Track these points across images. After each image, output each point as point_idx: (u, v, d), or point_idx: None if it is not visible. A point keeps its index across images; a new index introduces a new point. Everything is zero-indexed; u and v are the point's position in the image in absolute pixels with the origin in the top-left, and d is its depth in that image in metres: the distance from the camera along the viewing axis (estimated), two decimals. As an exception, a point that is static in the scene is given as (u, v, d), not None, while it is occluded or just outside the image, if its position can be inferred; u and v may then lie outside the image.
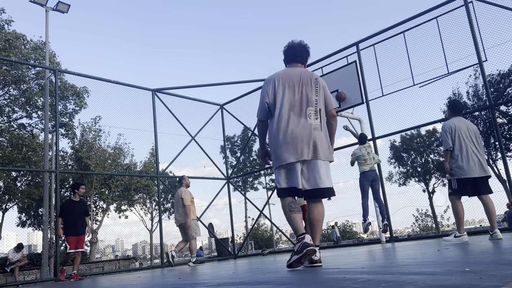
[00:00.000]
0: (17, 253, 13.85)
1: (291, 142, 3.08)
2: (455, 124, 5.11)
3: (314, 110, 3.18)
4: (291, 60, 3.44)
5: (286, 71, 3.34)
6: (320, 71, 10.20)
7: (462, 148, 4.99)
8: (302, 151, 3.07)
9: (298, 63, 3.43)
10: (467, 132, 5.06)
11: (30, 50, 16.73)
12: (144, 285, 3.46)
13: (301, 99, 3.18)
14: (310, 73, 3.33)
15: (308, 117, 3.14)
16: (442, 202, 35.14)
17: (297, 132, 3.10)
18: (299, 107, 3.16)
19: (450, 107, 5.46)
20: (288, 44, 3.47)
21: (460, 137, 5.02)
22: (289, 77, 3.26)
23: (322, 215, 3.18)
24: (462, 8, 8.05)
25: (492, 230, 5.01)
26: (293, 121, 3.12)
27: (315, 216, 3.16)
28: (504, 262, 2.20)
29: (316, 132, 3.13)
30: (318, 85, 3.27)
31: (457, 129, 5.06)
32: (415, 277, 1.81)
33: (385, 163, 33.91)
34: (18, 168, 16.93)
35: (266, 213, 16.78)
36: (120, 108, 12.59)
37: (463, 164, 4.94)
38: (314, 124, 3.14)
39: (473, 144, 5.02)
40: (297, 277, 2.43)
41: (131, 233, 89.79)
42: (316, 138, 3.12)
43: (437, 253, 3.43)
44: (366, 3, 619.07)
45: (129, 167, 23.26)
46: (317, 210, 3.17)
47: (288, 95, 3.20)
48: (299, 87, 3.21)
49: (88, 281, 6.14)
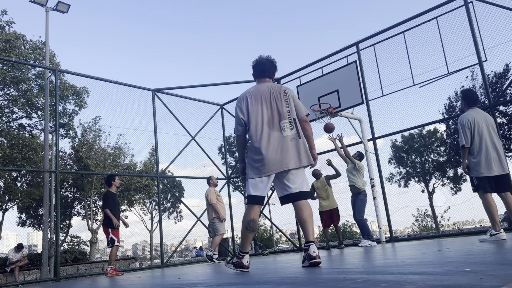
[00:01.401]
0: (17, 253, 13.84)
1: (270, 156, 3.29)
2: (474, 117, 4.73)
3: (289, 122, 3.39)
4: (259, 75, 3.63)
5: (256, 88, 3.55)
6: (320, 71, 10.21)
7: (482, 144, 4.66)
8: (282, 163, 3.29)
9: (266, 78, 3.63)
10: (485, 126, 4.72)
11: (29, 50, 16.73)
12: (144, 285, 3.46)
13: (273, 114, 3.40)
14: (278, 86, 3.56)
15: (283, 130, 3.36)
16: (442, 202, 35.12)
17: (275, 146, 3.30)
18: (274, 122, 3.38)
19: (465, 99, 5.01)
20: (256, 60, 3.66)
21: (479, 132, 4.69)
22: (260, 93, 3.47)
23: (311, 212, 3.36)
24: (462, 8, 8.06)
25: None
26: (269, 136, 3.33)
27: (306, 214, 3.32)
28: (504, 262, 2.20)
29: (293, 142, 3.35)
30: (288, 96, 3.47)
31: (476, 123, 4.70)
32: (415, 277, 1.82)
33: (385, 164, 33.91)
34: (18, 168, 16.93)
35: (266, 213, 16.77)
36: (120, 108, 12.56)
37: (481, 161, 4.64)
38: (290, 135, 3.36)
39: (492, 139, 4.70)
40: (297, 277, 2.43)
41: (131, 233, 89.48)
42: (294, 147, 3.33)
43: (437, 253, 3.43)
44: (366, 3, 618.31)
45: (129, 167, 23.24)
46: (305, 209, 3.33)
47: (261, 111, 3.41)
48: (271, 102, 3.43)
49: (88, 281, 6.14)
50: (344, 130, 23.78)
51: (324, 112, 9.23)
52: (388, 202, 8.82)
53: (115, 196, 7.51)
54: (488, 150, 4.65)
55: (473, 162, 4.72)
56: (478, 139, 4.69)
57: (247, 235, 3.38)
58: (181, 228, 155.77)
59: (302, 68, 10.69)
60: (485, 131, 4.71)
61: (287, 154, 3.30)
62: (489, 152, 4.65)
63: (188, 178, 12.38)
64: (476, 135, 4.70)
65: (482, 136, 4.69)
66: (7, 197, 18.23)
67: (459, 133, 4.84)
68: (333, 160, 10.41)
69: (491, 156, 4.65)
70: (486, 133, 4.70)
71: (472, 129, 4.71)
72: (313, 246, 3.19)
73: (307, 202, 3.38)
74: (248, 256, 3.41)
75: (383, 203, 8.79)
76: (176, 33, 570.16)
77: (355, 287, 1.65)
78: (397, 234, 37.70)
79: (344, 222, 47.23)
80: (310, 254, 3.15)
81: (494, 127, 4.82)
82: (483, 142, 4.68)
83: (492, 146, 4.69)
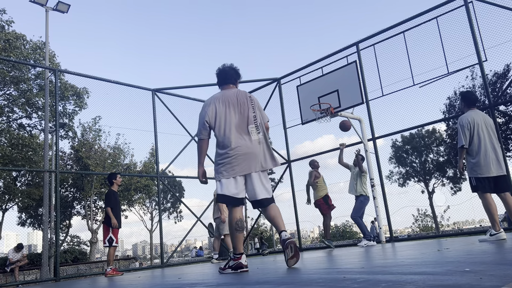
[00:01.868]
0: (17, 253, 13.84)
1: (240, 158, 3.44)
2: (474, 118, 4.77)
3: (255, 126, 3.55)
4: (223, 82, 3.81)
5: (223, 93, 3.69)
6: (320, 71, 10.20)
7: (480, 145, 4.70)
8: (250, 165, 3.47)
9: (230, 84, 3.79)
10: (484, 127, 4.75)
11: (30, 50, 16.71)
12: (144, 285, 3.46)
13: (242, 118, 3.54)
14: (244, 92, 3.72)
15: (251, 134, 3.52)
16: (442, 202, 35.13)
17: (245, 149, 3.46)
18: (242, 126, 3.52)
19: (464, 100, 5.02)
20: (219, 68, 3.86)
21: (478, 133, 4.72)
22: (227, 98, 3.61)
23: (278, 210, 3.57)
24: (462, 8, 8.05)
25: None
26: (239, 139, 3.48)
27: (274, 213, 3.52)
28: (504, 262, 2.20)
29: (261, 145, 3.53)
30: (254, 102, 3.66)
31: (475, 124, 4.74)
32: (415, 277, 1.82)
33: (385, 162, 33.93)
34: (18, 168, 16.93)
35: (266, 213, 16.73)
36: (120, 108, 12.58)
37: (480, 162, 4.67)
38: (258, 139, 3.53)
39: (491, 140, 4.75)
40: (297, 277, 2.44)
41: (131, 233, 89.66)
42: (261, 151, 3.52)
43: (437, 253, 3.43)
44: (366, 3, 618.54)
45: (129, 167, 23.24)
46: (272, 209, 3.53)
47: (229, 115, 3.54)
48: (238, 107, 3.57)
49: (88, 281, 6.14)
50: (339, 130, 23.74)
51: (324, 112, 9.23)
52: (388, 202, 8.83)
53: (117, 194, 7.45)
54: (487, 151, 4.68)
55: (472, 163, 4.75)
56: (477, 140, 4.72)
57: (237, 236, 3.50)
58: (181, 228, 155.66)
59: (302, 68, 10.69)
60: (485, 132, 4.73)
61: (255, 157, 3.48)
62: (488, 153, 4.68)
63: (188, 178, 12.38)
64: (475, 136, 4.72)
65: (481, 137, 4.71)
66: (7, 197, 18.23)
67: (458, 133, 4.86)
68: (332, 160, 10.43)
69: (490, 157, 4.68)
70: (485, 134, 4.73)
71: (471, 130, 4.74)
72: (284, 232, 3.42)
73: (274, 203, 3.58)
74: (244, 256, 3.50)
75: (383, 203, 8.79)
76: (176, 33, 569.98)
77: (355, 287, 1.65)
78: (397, 234, 37.67)
79: (344, 222, 47.24)
80: (283, 237, 3.37)
81: (493, 128, 4.84)
82: (482, 143, 4.70)
83: (491, 147, 4.71)
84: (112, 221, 7.03)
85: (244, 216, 3.59)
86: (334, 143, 40.94)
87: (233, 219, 3.49)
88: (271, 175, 31.13)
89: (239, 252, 3.50)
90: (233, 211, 3.51)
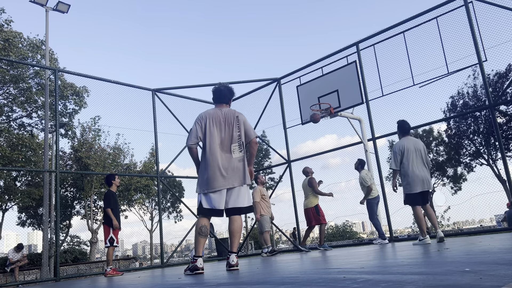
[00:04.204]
0: (17, 253, 13.84)
1: (220, 173, 3.86)
2: (405, 145, 5.77)
3: (238, 145, 3.97)
4: (217, 101, 4.21)
5: (215, 111, 4.10)
6: (320, 71, 10.20)
7: (409, 167, 5.67)
8: (228, 181, 3.88)
9: (223, 104, 4.20)
10: (414, 152, 5.73)
11: (27, 48, 16.67)
12: (144, 285, 3.46)
13: (226, 137, 3.96)
14: (232, 112, 4.11)
15: (233, 153, 3.94)
16: (442, 202, 35.09)
17: (225, 166, 3.89)
18: (225, 144, 3.95)
19: (399, 129, 6.04)
20: (215, 87, 4.29)
21: (408, 158, 5.70)
22: (217, 116, 4.03)
23: (240, 227, 3.98)
24: (462, 8, 8.05)
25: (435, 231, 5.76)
26: (221, 156, 3.90)
27: (235, 228, 3.94)
28: (504, 262, 2.20)
29: (240, 163, 3.95)
30: (239, 122, 4.03)
31: (406, 150, 5.73)
32: (415, 277, 1.82)
33: (385, 163, 33.87)
34: (18, 168, 16.92)
35: (266, 213, 16.71)
36: (120, 108, 12.58)
37: (409, 181, 5.66)
38: (238, 157, 3.95)
39: (420, 161, 5.71)
40: (297, 277, 2.44)
41: (132, 233, 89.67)
42: (240, 169, 3.94)
43: (437, 253, 3.43)
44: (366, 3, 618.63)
45: (129, 167, 23.24)
46: (236, 223, 3.95)
47: (216, 132, 3.96)
48: (225, 126, 3.99)
49: (88, 281, 6.14)
50: (344, 130, 23.79)
51: (324, 112, 9.23)
52: (388, 202, 8.82)
53: (115, 195, 7.44)
54: (415, 172, 5.66)
55: (405, 182, 5.73)
56: (406, 163, 5.71)
57: (199, 240, 3.91)
58: (181, 228, 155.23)
59: (302, 68, 10.69)
60: (413, 155, 5.72)
61: (234, 173, 3.90)
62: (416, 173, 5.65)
63: (188, 178, 12.37)
64: (405, 160, 5.72)
65: (410, 160, 5.69)
66: (7, 197, 18.22)
67: (391, 157, 5.92)
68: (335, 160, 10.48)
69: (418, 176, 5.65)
70: (414, 158, 5.71)
71: (402, 155, 5.75)
72: (232, 256, 3.87)
73: (239, 217, 3.98)
74: (201, 259, 3.93)
75: (383, 203, 8.79)
76: (176, 33, 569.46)
77: (355, 287, 1.65)
78: (397, 234, 37.63)
79: (344, 222, 47.21)
80: (230, 262, 3.84)
81: (423, 151, 5.81)
82: (411, 165, 5.68)
83: (420, 168, 5.69)
84: (113, 222, 7.04)
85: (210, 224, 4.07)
86: (337, 142, 40.81)
87: (199, 224, 3.89)
88: (271, 174, 31.28)
89: (198, 255, 3.92)
90: (200, 218, 3.93)
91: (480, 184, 48.70)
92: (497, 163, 23.93)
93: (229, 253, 3.93)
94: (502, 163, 7.83)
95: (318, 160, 9.16)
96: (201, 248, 3.95)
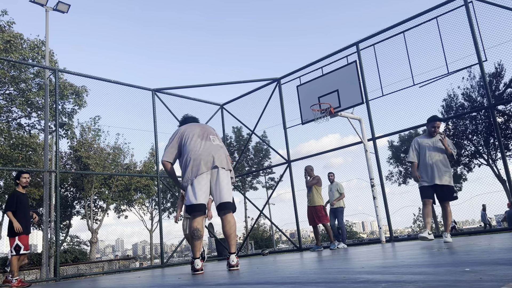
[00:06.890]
0: (17, 253, 13.81)
1: (203, 155, 3.85)
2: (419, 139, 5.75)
3: (217, 137, 4.12)
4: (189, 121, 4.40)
5: (189, 125, 4.21)
6: (320, 71, 10.20)
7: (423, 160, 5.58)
8: (214, 160, 3.86)
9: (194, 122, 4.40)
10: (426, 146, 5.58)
11: (27, 49, 16.67)
12: (144, 285, 3.46)
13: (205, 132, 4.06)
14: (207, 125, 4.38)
15: (213, 141, 4.03)
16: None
17: (208, 149, 3.91)
18: (205, 135, 4.03)
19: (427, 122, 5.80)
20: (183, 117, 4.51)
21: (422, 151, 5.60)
22: (193, 127, 4.14)
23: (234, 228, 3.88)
24: (462, 8, 8.06)
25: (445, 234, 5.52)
26: (202, 143, 3.95)
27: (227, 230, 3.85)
28: (504, 262, 2.20)
29: (222, 149, 4.01)
30: (215, 132, 4.23)
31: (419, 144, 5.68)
32: (415, 277, 1.82)
33: (384, 163, 33.87)
34: (18, 168, 16.91)
35: (266, 213, 16.76)
36: (120, 108, 12.59)
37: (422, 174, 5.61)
38: (219, 144, 4.04)
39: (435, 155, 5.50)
40: (297, 277, 2.44)
41: (132, 232, 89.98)
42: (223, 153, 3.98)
43: (437, 253, 3.43)
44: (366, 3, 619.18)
45: (129, 167, 23.24)
46: (229, 225, 3.85)
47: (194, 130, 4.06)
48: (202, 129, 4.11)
49: (88, 281, 6.14)
50: (346, 129, 23.79)
51: (324, 112, 9.23)
52: (388, 202, 8.82)
53: (22, 196, 6.47)
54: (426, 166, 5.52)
55: None
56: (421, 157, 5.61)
57: (195, 244, 3.95)
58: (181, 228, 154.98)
59: (302, 68, 10.69)
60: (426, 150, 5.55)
61: (217, 154, 3.91)
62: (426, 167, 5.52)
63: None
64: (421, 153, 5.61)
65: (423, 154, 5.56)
66: (7, 197, 18.21)
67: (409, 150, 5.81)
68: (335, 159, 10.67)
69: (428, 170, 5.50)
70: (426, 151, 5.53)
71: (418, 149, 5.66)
72: (232, 256, 3.85)
73: (231, 215, 3.89)
74: (198, 260, 4.02)
75: (383, 203, 8.80)
76: (176, 33, 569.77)
77: (355, 287, 1.65)
78: (397, 234, 37.72)
79: (345, 221, 47.23)
80: (230, 262, 3.82)
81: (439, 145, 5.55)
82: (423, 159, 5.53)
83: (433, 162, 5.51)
84: (14, 225, 6.14)
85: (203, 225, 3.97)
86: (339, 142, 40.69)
87: (192, 227, 3.87)
88: (271, 174, 30.94)
89: (195, 257, 4.02)
90: (192, 219, 3.88)
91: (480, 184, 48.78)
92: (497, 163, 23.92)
93: (228, 254, 3.93)
94: (502, 163, 7.84)
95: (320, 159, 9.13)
96: (198, 250, 3.97)
